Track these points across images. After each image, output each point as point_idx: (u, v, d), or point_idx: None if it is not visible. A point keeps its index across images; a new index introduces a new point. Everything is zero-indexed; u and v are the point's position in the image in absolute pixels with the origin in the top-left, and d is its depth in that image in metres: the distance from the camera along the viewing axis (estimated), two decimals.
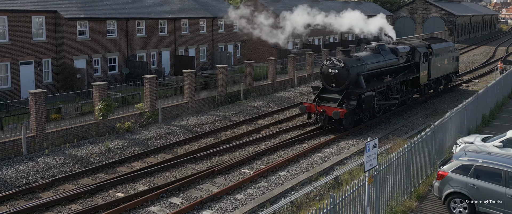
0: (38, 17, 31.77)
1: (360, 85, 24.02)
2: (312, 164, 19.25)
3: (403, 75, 28.19)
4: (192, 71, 28.22)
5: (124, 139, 22.38)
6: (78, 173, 18.21)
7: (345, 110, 22.86)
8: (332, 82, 24.08)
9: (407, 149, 14.54)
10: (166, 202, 15.77)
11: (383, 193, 13.24)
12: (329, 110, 23.22)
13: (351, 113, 23.41)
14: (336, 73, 23.84)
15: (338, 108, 23.01)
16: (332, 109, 23.04)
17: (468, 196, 13.31)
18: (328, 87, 24.31)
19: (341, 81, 23.81)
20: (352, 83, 23.90)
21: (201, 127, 25.11)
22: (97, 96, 23.18)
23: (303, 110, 24.39)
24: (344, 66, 23.69)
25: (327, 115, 23.41)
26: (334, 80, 23.98)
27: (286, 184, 16.94)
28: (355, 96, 23.48)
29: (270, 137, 23.23)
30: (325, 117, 23.57)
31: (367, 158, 11.07)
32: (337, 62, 23.97)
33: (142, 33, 38.87)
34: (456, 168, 13.76)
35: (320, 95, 24.33)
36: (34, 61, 31.74)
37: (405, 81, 28.36)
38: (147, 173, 18.27)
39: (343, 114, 22.74)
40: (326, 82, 24.39)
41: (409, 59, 29.06)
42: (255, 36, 52.31)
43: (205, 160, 19.94)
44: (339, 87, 23.87)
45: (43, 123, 20.74)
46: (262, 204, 15.19)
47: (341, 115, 22.66)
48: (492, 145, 17.06)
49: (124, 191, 16.85)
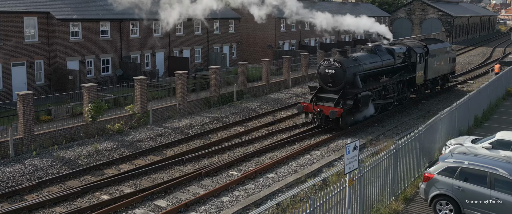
0: (30, 19, 31.64)
1: (356, 85, 24.22)
2: (301, 165, 19.10)
3: (399, 76, 28.54)
4: (184, 73, 28.09)
5: (114, 140, 22.24)
6: (64, 175, 18.06)
7: (342, 109, 23.11)
8: (329, 82, 24.37)
9: (393, 151, 14.40)
10: (151, 205, 15.63)
11: (369, 195, 13.11)
12: (326, 109, 23.50)
13: (347, 112, 23.59)
14: (333, 73, 24.13)
15: (334, 108, 23.27)
16: (329, 108, 23.33)
17: (454, 198, 13.17)
18: (325, 87, 24.60)
19: (337, 81, 24.12)
20: (349, 83, 24.17)
21: (192, 129, 24.96)
22: (86, 98, 23.04)
23: (300, 110, 24.62)
24: (341, 66, 23.97)
25: (324, 114, 23.62)
26: (331, 80, 24.29)
27: (273, 186, 16.80)
28: (351, 96, 23.76)
29: (260, 138, 23.10)
30: (322, 116, 23.80)
31: (348, 160, 10.94)
32: (334, 62, 24.25)
33: (136, 34, 38.74)
34: (442, 170, 13.63)
35: (317, 95, 24.62)
36: (26, 62, 31.60)
37: (402, 82, 28.63)
38: (134, 175, 18.12)
39: (340, 113, 23.00)
40: (323, 82, 24.65)
41: (405, 60, 29.32)
42: (251, 37, 52.31)
43: (193, 162, 19.79)
44: (336, 87, 24.17)
45: (31, 125, 20.60)
46: (247, 206, 15.05)
47: (337, 114, 22.91)
48: (481, 146, 16.94)
49: (110, 193, 16.70)
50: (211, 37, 46.59)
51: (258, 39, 53.55)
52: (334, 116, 22.82)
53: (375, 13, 74.04)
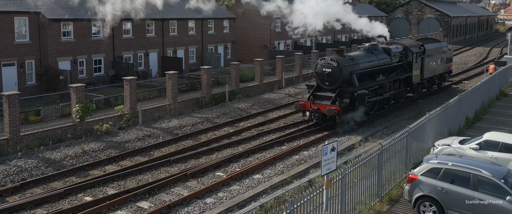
0: (21, 19, 31.45)
1: (353, 83, 24.58)
2: (288, 166, 18.93)
3: (396, 74, 28.90)
4: (175, 73, 27.91)
5: (101, 141, 22.06)
6: (49, 177, 17.88)
7: (338, 107, 23.44)
8: (326, 81, 24.73)
9: (377, 152, 14.22)
10: (134, 206, 15.46)
11: (352, 197, 12.93)
12: (323, 107, 23.89)
13: (344, 110, 24.00)
14: (330, 72, 24.55)
15: (331, 106, 23.65)
16: (326, 106, 23.73)
17: (437, 199, 13.00)
18: (322, 85, 24.96)
19: (334, 80, 24.47)
20: (345, 81, 24.56)
21: (182, 129, 24.79)
22: (74, 98, 22.86)
23: (298, 108, 25.02)
24: (338, 65, 24.38)
25: (321, 112, 24.06)
26: (328, 78, 24.69)
27: (258, 187, 16.62)
28: (348, 94, 24.18)
29: (250, 139, 22.92)
30: (319, 114, 24.24)
31: (325, 162, 10.75)
32: (331, 61, 24.65)
33: (129, 34, 38.56)
34: (426, 171, 13.46)
35: (314, 93, 24.95)
36: (17, 62, 31.42)
37: (398, 80, 28.98)
38: (119, 176, 17.95)
39: (336, 111, 23.37)
40: (320, 81, 25.01)
41: (402, 59, 29.67)
42: (246, 37, 52.15)
43: (180, 163, 19.61)
44: (333, 85, 24.55)
45: (17, 125, 20.42)
46: (230, 208, 14.87)
47: (334, 112, 23.28)
48: (468, 147, 16.77)
49: (93, 194, 16.53)
50: (206, 37, 46.40)
51: (254, 39, 53.39)
52: (331, 114, 23.21)
53: (372, 13, 73.85)
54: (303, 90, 35.30)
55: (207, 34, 46.62)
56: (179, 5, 44.12)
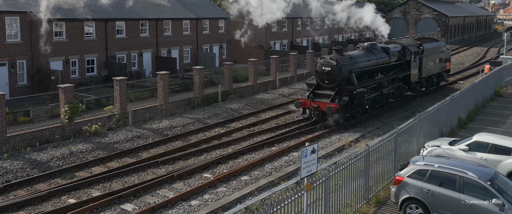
0: (12, 18, 31.21)
1: (352, 82, 24.82)
2: (276, 168, 18.70)
3: (394, 73, 29.28)
4: (166, 73, 27.69)
5: (90, 142, 21.82)
6: (34, 178, 17.65)
7: (338, 105, 23.78)
8: (326, 80, 25.06)
9: (364, 153, 13.99)
10: (118, 209, 15.23)
11: (337, 199, 12.69)
12: (323, 105, 24.31)
13: (343, 108, 24.32)
14: (329, 70, 24.89)
15: (331, 103, 23.94)
16: (325, 104, 24.07)
17: (424, 202, 12.78)
18: (321, 84, 25.33)
19: (333, 78, 24.80)
20: (344, 80, 24.83)
21: (172, 130, 24.56)
22: (63, 99, 22.63)
23: (298, 106, 25.39)
24: (337, 64, 24.72)
25: (320, 110, 24.47)
26: (327, 77, 24.98)
27: (244, 189, 16.40)
28: (347, 92, 24.42)
29: (240, 140, 22.69)
30: (319, 112, 24.66)
31: (304, 164, 10.51)
32: (330, 60, 25.02)
33: (122, 34, 38.32)
34: (412, 173, 13.24)
35: (314, 91, 25.38)
36: (8, 63, 31.18)
37: (396, 79, 29.33)
38: (105, 178, 17.72)
39: (336, 109, 23.71)
40: (319, 79, 25.40)
41: (400, 58, 30.00)
42: (242, 37, 51.89)
43: (168, 164, 19.38)
44: (332, 84, 24.87)
45: (3, 126, 20.18)
46: (214, 210, 14.65)
47: (333, 110, 23.65)
48: (458, 148, 16.54)
49: (78, 197, 16.30)
50: (201, 37, 46.16)
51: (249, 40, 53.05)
52: (330, 112, 23.61)
53: None
54: (297, 91, 35.09)
55: (202, 34, 46.38)
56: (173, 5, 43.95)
